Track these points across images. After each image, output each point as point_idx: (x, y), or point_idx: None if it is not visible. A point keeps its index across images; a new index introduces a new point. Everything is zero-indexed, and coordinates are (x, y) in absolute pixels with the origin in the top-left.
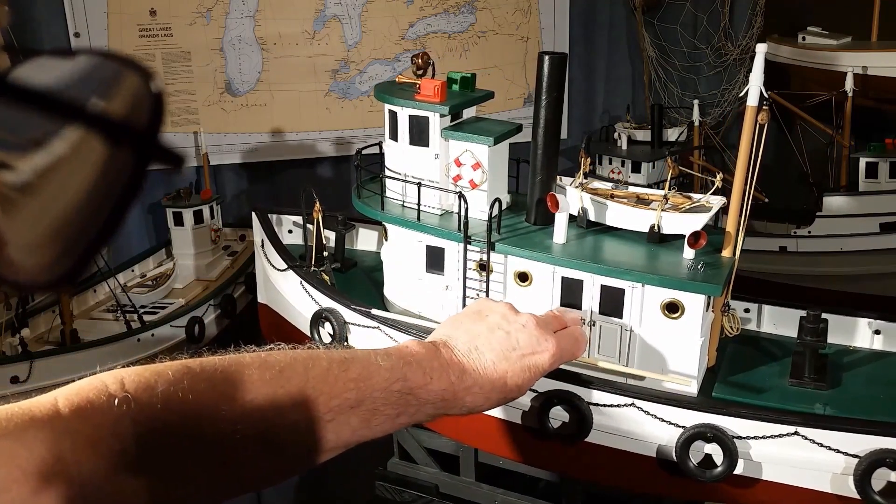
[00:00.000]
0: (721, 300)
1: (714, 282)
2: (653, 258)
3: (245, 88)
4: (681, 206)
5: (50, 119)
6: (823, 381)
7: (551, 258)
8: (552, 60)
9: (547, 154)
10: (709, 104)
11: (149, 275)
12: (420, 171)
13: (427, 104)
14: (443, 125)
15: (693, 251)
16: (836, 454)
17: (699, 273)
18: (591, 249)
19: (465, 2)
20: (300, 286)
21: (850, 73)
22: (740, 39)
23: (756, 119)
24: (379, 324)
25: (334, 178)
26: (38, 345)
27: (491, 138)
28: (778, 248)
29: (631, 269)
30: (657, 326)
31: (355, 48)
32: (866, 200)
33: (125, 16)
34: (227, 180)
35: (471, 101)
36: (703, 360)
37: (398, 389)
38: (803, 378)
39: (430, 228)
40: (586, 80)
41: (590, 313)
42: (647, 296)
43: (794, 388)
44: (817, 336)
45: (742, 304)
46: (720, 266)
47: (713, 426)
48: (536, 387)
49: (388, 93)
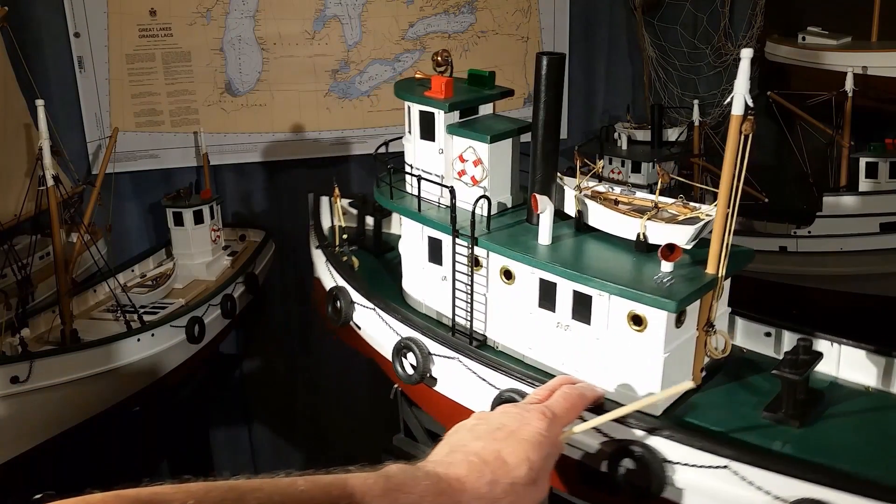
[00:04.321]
0: (705, 317)
1: (672, 297)
2: (631, 267)
3: (245, 88)
4: (679, 217)
5: None
6: (800, 417)
7: (527, 258)
8: (550, 61)
9: (546, 153)
10: (709, 104)
11: (149, 275)
12: (428, 164)
13: (433, 100)
14: (448, 121)
15: (671, 264)
16: (765, 495)
17: (664, 287)
18: (571, 253)
19: (465, 2)
20: (325, 264)
21: (850, 73)
22: (740, 39)
23: (740, 129)
24: (375, 306)
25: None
26: (39, 345)
27: (488, 136)
28: (778, 248)
29: (595, 277)
30: (623, 338)
31: (355, 48)
32: (866, 200)
33: (125, 16)
34: (227, 180)
35: (477, 100)
36: (671, 377)
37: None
38: (778, 411)
39: (427, 220)
40: (586, 81)
41: (563, 317)
42: (612, 305)
43: (764, 421)
44: (797, 368)
45: (763, 327)
46: (692, 281)
47: (644, 444)
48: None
49: (405, 89)
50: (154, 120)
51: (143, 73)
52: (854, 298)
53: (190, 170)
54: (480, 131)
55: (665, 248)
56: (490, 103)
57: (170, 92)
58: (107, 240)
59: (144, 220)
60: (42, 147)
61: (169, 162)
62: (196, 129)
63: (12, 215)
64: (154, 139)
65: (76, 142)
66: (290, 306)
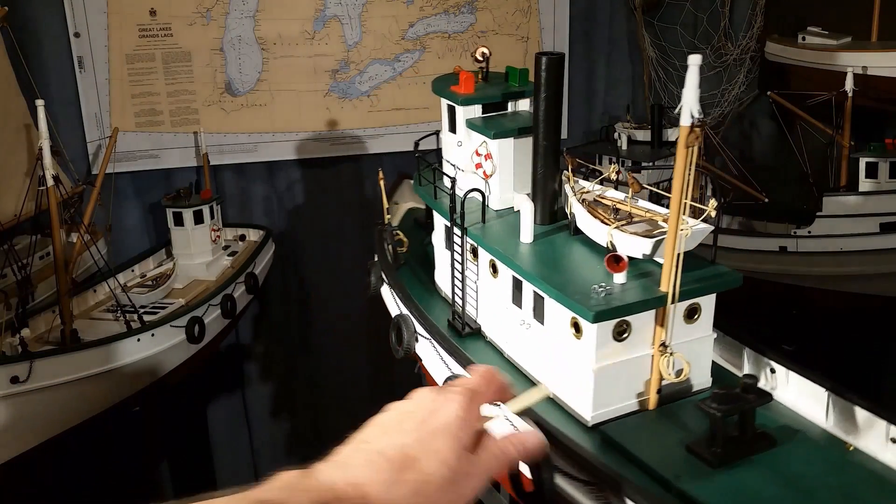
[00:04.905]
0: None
1: (591, 308)
2: (591, 274)
3: (245, 88)
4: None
5: None
6: (720, 458)
7: (498, 253)
8: (550, 61)
9: (546, 153)
10: (708, 104)
11: (149, 275)
12: (454, 157)
13: (454, 95)
14: (467, 115)
15: (623, 274)
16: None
17: (599, 297)
18: (544, 254)
19: (465, 2)
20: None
21: (850, 73)
22: (740, 39)
23: (687, 142)
24: (388, 285)
25: (335, 177)
26: (39, 345)
27: (492, 131)
28: (778, 248)
29: (542, 279)
30: (566, 343)
31: (355, 48)
32: (866, 200)
33: (125, 16)
34: (226, 180)
35: (494, 96)
36: (609, 391)
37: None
38: (700, 447)
39: (438, 207)
40: (586, 81)
41: (527, 315)
42: (557, 309)
43: (682, 454)
44: (723, 403)
45: (770, 362)
46: (631, 295)
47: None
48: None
49: (440, 82)
50: (154, 120)
51: (143, 74)
52: (854, 298)
53: (190, 170)
54: (490, 127)
55: (610, 258)
56: (523, 100)
57: (170, 92)
58: (107, 240)
59: (144, 220)
60: (42, 147)
61: (169, 162)
62: (196, 129)
63: (12, 215)
64: (154, 139)
65: (76, 142)
66: (289, 306)
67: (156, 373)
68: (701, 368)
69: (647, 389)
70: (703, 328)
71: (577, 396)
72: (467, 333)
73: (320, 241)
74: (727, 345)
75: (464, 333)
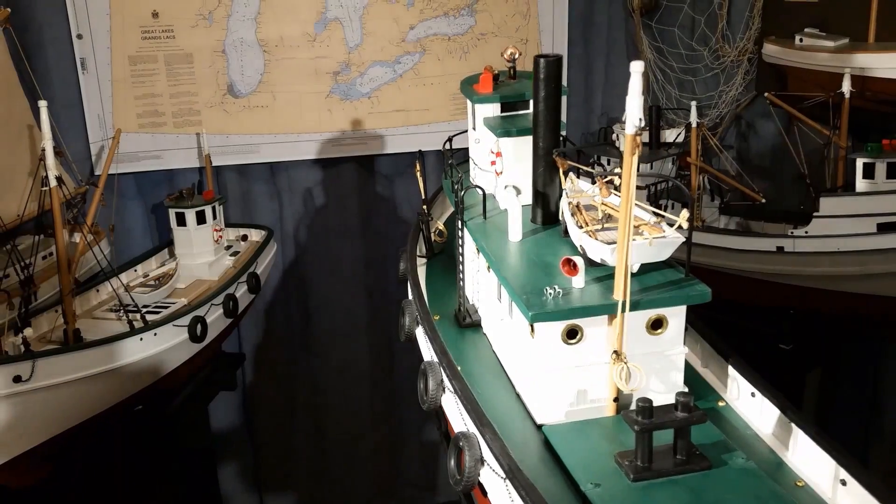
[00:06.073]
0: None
1: (531, 307)
2: (557, 276)
3: (247, 90)
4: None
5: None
6: (640, 471)
7: (483, 249)
8: (548, 62)
9: (546, 153)
10: (706, 106)
11: (151, 274)
12: (475, 153)
13: (472, 93)
14: (485, 113)
15: (581, 278)
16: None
17: (548, 299)
18: (524, 252)
19: (465, 4)
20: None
21: (847, 75)
22: (738, 41)
23: (632, 149)
24: (407, 274)
25: (336, 178)
26: (41, 344)
27: (499, 129)
28: (775, 249)
29: (500, 274)
30: (525, 342)
31: (356, 50)
32: (863, 201)
33: (128, 18)
34: (229, 181)
35: (509, 96)
36: (564, 392)
37: None
38: (624, 459)
39: (452, 200)
40: (585, 82)
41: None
42: (517, 308)
43: (610, 464)
44: (644, 417)
45: (751, 387)
46: (578, 299)
47: (468, 437)
48: None
49: (468, 82)
50: (157, 121)
51: (145, 75)
52: (851, 298)
53: (192, 170)
54: (499, 126)
55: (565, 261)
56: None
57: (172, 93)
58: (110, 240)
59: (147, 220)
60: (45, 148)
61: (171, 163)
62: (198, 130)
63: (15, 215)
64: (157, 140)
65: (79, 143)
66: (291, 305)
67: (158, 372)
68: (668, 383)
69: (609, 398)
70: (671, 342)
71: (530, 395)
72: (467, 324)
73: (322, 241)
74: (714, 361)
75: (463, 324)
